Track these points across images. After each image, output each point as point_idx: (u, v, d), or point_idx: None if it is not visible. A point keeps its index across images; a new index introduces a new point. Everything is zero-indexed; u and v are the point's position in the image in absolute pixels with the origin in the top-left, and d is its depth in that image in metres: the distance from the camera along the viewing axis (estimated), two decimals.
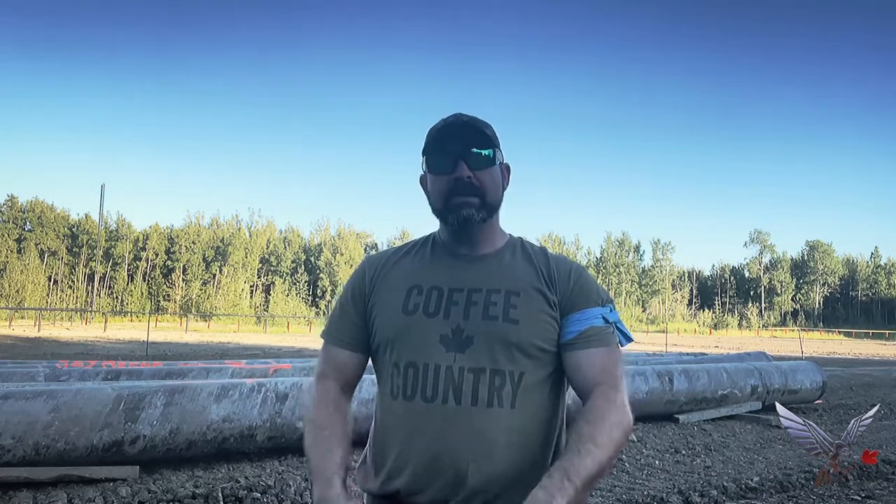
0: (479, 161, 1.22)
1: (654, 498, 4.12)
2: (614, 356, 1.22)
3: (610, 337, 1.23)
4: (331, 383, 1.29)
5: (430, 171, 1.25)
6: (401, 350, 1.22)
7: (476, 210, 1.22)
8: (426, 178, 1.28)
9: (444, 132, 1.22)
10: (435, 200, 1.26)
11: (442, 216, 1.27)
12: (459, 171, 1.21)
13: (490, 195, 1.24)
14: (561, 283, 1.25)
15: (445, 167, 1.22)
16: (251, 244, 71.05)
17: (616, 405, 1.14)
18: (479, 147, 1.22)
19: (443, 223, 1.29)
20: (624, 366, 1.24)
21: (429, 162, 1.25)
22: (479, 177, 1.22)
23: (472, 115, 1.26)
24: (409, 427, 1.18)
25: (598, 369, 1.18)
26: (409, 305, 1.24)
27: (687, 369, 7.35)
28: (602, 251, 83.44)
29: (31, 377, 5.68)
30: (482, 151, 1.22)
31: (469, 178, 1.21)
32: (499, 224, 1.32)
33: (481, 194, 1.22)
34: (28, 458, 3.75)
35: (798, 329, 53.40)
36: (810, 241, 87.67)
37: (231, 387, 4.64)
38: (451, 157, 1.21)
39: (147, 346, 17.87)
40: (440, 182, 1.23)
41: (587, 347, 1.20)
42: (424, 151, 1.26)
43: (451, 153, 1.22)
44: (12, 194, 64.15)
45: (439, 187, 1.24)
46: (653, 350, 18.78)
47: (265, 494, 3.87)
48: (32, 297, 55.22)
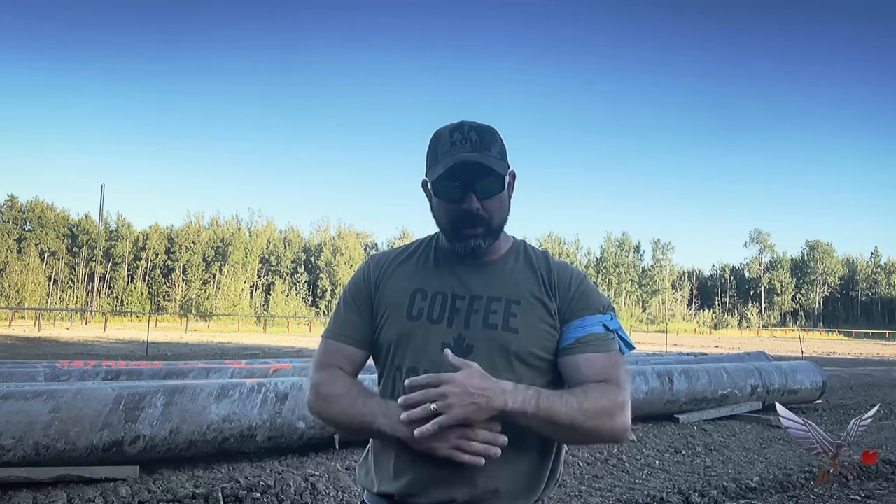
0: (488, 190, 1.20)
1: (654, 498, 4.12)
2: (614, 361, 1.21)
3: (610, 343, 1.22)
4: (336, 369, 1.27)
5: (436, 195, 1.23)
6: (403, 354, 1.22)
7: (483, 239, 1.22)
8: (431, 194, 1.26)
9: (454, 159, 1.17)
10: (441, 222, 1.26)
11: (448, 240, 1.26)
12: (468, 202, 1.19)
13: (496, 220, 1.23)
14: (561, 291, 1.25)
15: (453, 195, 1.20)
16: (251, 244, 71.04)
17: (615, 400, 1.14)
18: (488, 175, 1.19)
19: (448, 245, 1.28)
20: (627, 370, 1.23)
21: (435, 186, 1.21)
22: (488, 206, 1.21)
23: (479, 125, 1.23)
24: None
25: (598, 370, 1.18)
26: (413, 310, 1.24)
27: (687, 369, 7.35)
28: (602, 251, 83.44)
29: (31, 377, 5.68)
30: (491, 180, 1.20)
31: (478, 209, 1.19)
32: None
33: (488, 223, 1.22)
34: (28, 458, 3.75)
35: (798, 329, 53.38)
36: (810, 241, 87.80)
37: (231, 387, 4.63)
38: (459, 186, 1.19)
39: (147, 346, 17.86)
40: (448, 209, 1.22)
41: (586, 352, 1.20)
42: (432, 174, 1.21)
43: (460, 182, 1.19)
44: (12, 194, 64.36)
45: (447, 214, 1.23)
46: (653, 350, 18.78)
47: (265, 494, 3.87)
48: (32, 297, 55.24)
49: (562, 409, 1.10)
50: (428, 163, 1.24)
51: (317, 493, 3.96)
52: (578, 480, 4.60)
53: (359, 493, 1.29)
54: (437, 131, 1.25)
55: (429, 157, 1.24)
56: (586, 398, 1.13)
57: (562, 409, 1.10)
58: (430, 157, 1.24)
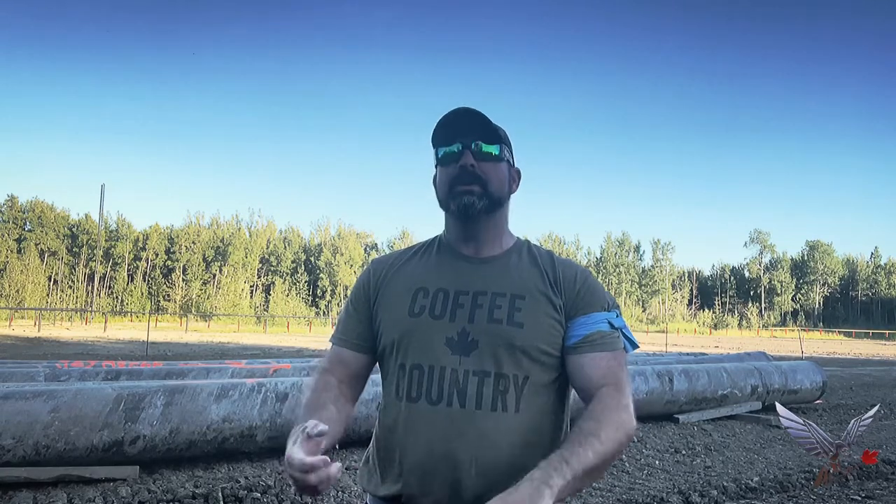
0: (484, 153, 1.24)
1: (654, 498, 4.12)
2: (619, 360, 1.21)
3: (616, 342, 1.23)
4: (330, 376, 1.29)
5: (438, 164, 1.28)
6: (406, 352, 1.22)
7: (478, 198, 1.23)
8: (436, 172, 1.30)
9: (453, 122, 1.24)
10: (440, 191, 1.28)
11: (445, 205, 1.28)
12: (464, 159, 1.23)
13: (493, 186, 1.24)
14: (567, 288, 1.25)
15: (451, 156, 1.25)
16: (251, 244, 71.04)
17: (620, 407, 1.14)
18: (485, 140, 1.24)
19: (446, 212, 1.30)
20: (628, 371, 1.24)
21: (437, 154, 1.28)
22: (484, 168, 1.24)
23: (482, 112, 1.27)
24: (413, 429, 1.18)
25: (603, 372, 1.18)
26: (415, 308, 1.24)
27: (687, 369, 7.35)
28: (602, 251, 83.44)
29: (31, 377, 5.68)
30: (488, 145, 1.25)
31: (472, 166, 1.22)
32: (506, 226, 1.33)
33: (483, 183, 1.23)
34: (28, 458, 3.75)
35: (798, 329, 53.39)
36: (810, 241, 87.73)
37: (231, 387, 4.64)
38: (456, 146, 1.24)
39: (147, 346, 17.86)
40: (445, 172, 1.26)
41: (592, 351, 1.20)
42: (433, 142, 1.28)
43: (456, 143, 1.24)
44: (12, 194, 64.31)
45: (444, 177, 1.26)
46: (653, 350, 18.78)
47: (265, 494, 3.87)
48: (32, 297, 55.24)
49: (590, 455, 1.04)
50: (432, 140, 1.28)
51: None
52: None
53: (359, 493, 1.29)
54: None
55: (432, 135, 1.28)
56: (600, 426, 1.08)
57: (590, 454, 1.04)
58: (433, 134, 1.28)
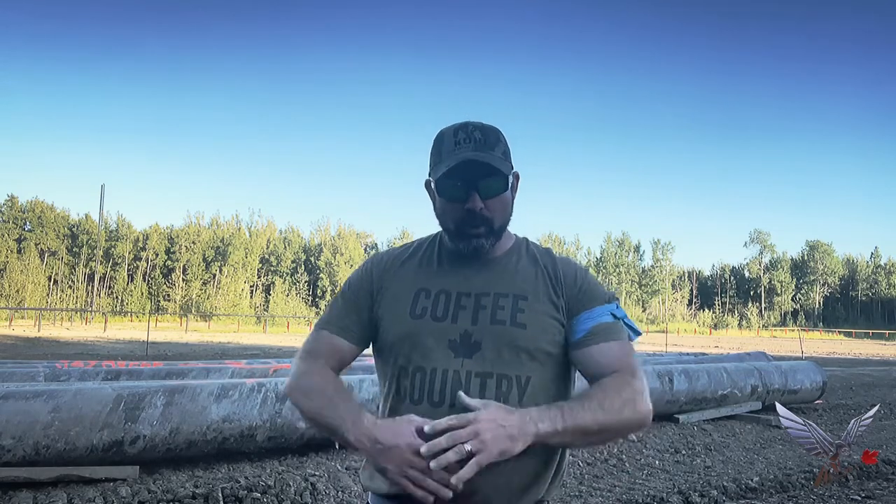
0: (491, 190, 1.21)
1: (654, 498, 4.12)
2: (627, 349, 1.23)
3: (620, 331, 1.24)
4: (322, 361, 1.27)
5: (439, 194, 1.24)
6: (409, 354, 1.21)
7: (486, 239, 1.23)
8: (434, 192, 1.26)
9: (458, 158, 1.18)
10: (445, 222, 1.26)
11: (452, 240, 1.27)
12: (472, 202, 1.19)
13: (499, 221, 1.24)
14: (567, 285, 1.26)
15: (457, 195, 1.21)
16: (251, 244, 71.01)
17: (633, 389, 1.15)
18: (492, 175, 1.20)
19: (452, 244, 1.29)
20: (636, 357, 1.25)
21: (439, 185, 1.22)
22: (491, 206, 1.21)
23: (483, 125, 1.23)
24: None
25: (614, 360, 1.20)
26: (416, 309, 1.24)
27: (687, 369, 7.35)
28: (602, 251, 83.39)
29: (31, 377, 5.67)
30: (495, 180, 1.21)
31: (481, 209, 1.20)
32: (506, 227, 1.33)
33: (491, 223, 1.22)
34: (28, 458, 3.75)
35: (798, 329, 53.39)
36: (810, 241, 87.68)
37: (231, 387, 4.63)
38: (463, 185, 1.20)
39: (147, 346, 17.86)
40: (451, 208, 1.22)
41: (599, 342, 1.21)
42: (436, 173, 1.21)
43: (463, 182, 1.19)
44: (12, 194, 64.23)
45: (451, 213, 1.23)
46: (653, 350, 18.78)
47: (265, 494, 3.86)
48: (32, 297, 55.22)
49: (588, 416, 1.10)
50: (432, 162, 1.25)
51: (317, 493, 3.96)
52: (578, 480, 4.59)
53: (359, 493, 1.29)
54: (441, 131, 1.25)
55: (433, 156, 1.24)
56: (606, 395, 1.13)
57: (587, 415, 1.10)
58: (433, 156, 1.24)
